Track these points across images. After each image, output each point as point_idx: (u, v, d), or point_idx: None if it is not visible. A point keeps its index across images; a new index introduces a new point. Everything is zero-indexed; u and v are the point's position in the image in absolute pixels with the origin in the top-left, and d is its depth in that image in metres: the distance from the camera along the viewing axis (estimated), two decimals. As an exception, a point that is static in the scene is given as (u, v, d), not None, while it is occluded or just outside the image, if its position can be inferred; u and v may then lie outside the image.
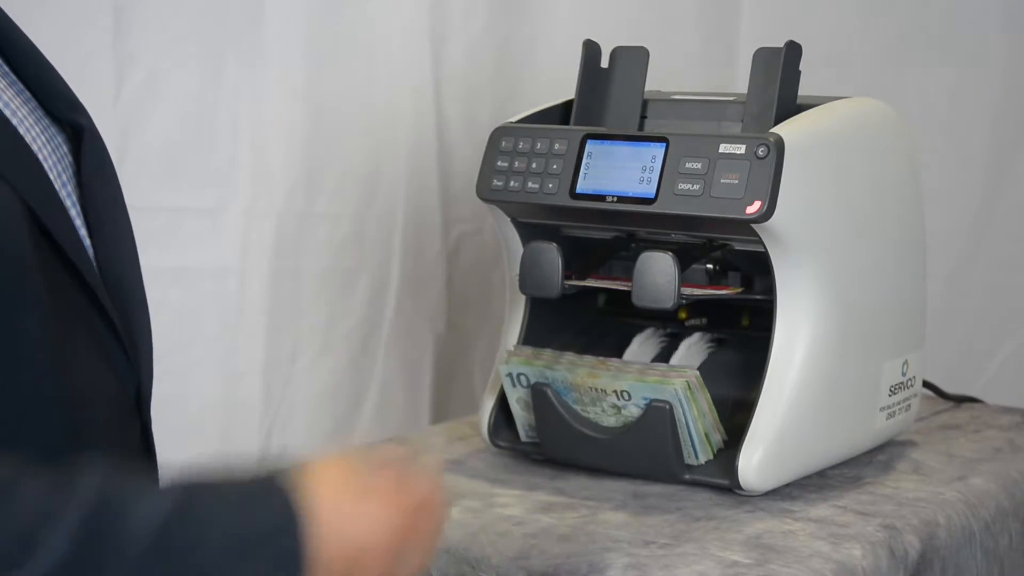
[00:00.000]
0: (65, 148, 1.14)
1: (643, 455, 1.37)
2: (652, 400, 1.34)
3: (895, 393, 1.47)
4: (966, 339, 2.10)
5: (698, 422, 1.35)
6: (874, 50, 2.08)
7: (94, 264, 1.12)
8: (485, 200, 1.44)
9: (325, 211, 1.93)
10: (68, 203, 1.11)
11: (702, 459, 1.37)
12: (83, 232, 1.12)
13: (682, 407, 1.34)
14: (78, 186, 1.13)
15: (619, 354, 1.45)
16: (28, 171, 1.05)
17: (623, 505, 1.34)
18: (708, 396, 1.36)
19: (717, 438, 1.38)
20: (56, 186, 1.08)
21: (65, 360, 1.06)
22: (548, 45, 2.03)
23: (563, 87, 1.49)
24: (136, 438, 1.16)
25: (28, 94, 1.13)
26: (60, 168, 1.12)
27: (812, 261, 1.34)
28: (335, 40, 1.92)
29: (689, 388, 1.34)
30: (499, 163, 1.42)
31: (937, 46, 2.07)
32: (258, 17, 1.87)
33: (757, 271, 1.42)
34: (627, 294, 1.35)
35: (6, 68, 1.13)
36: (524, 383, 1.42)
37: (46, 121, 1.13)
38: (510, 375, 1.42)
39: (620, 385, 1.35)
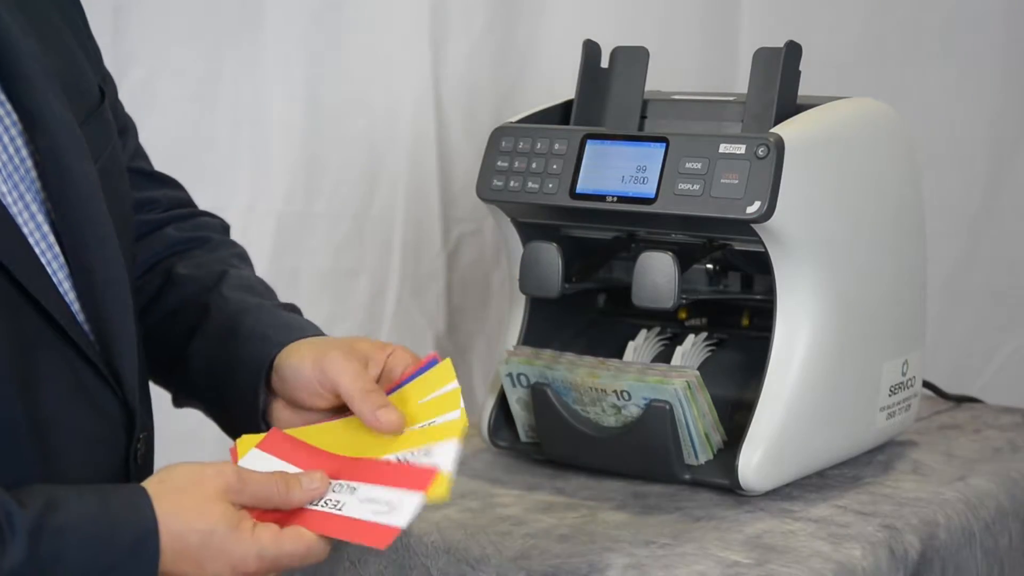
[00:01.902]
0: (35, 172, 1.10)
1: (643, 455, 1.37)
2: (652, 400, 1.34)
3: (895, 393, 1.47)
4: (966, 339, 2.10)
5: (698, 422, 1.35)
6: (874, 50, 2.08)
7: (65, 291, 1.08)
8: (485, 200, 1.44)
9: (325, 211, 1.93)
10: (32, 227, 1.08)
11: (702, 459, 1.37)
12: (56, 250, 1.10)
13: (682, 407, 1.34)
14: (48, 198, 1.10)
15: (619, 354, 1.45)
16: None
17: (623, 505, 1.34)
18: (708, 396, 1.36)
19: (717, 438, 1.38)
20: (12, 211, 1.05)
21: (30, 389, 1.04)
22: (548, 45, 2.03)
23: (563, 87, 1.49)
24: (115, 468, 1.13)
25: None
26: (20, 187, 1.09)
27: (812, 261, 1.34)
28: (335, 40, 1.92)
29: (689, 388, 1.34)
30: (499, 163, 1.42)
31: (937, 46, 2.07)
32: (258, 17, 1.87)
33: (757, 271, 1.42)
34: (627, 294, 1.35)
35: None
36: (524, 383, 1.42)
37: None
38: (510, 375, 1.42)
39: (620, 385, 1.35)
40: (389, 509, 1.04)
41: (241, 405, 1.20)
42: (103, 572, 0.98)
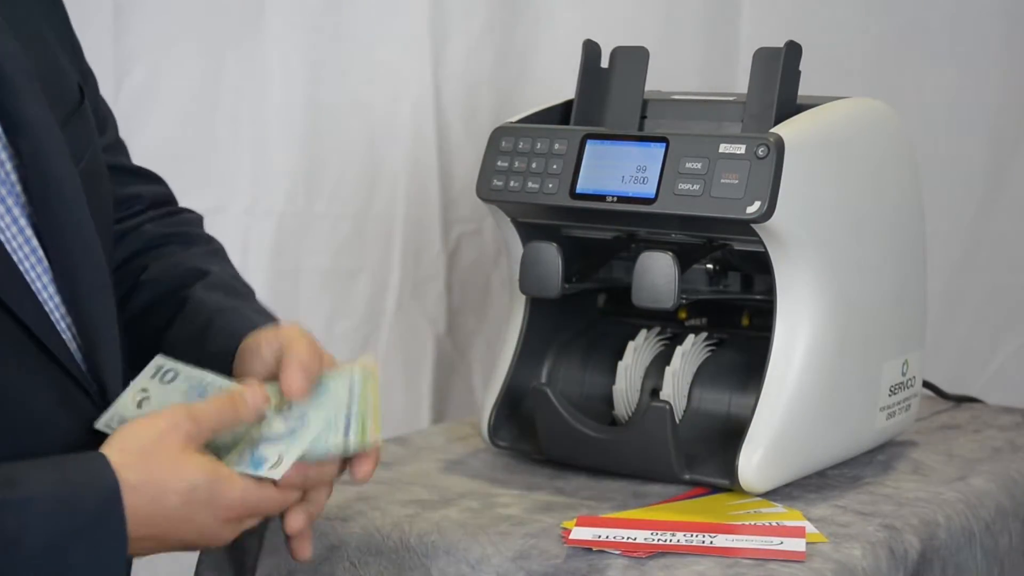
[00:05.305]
0: (15, 175, 1.08)
1: (643, 455, 1.37)
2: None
3: (895, 393, 1.47)
4: (966, 339, 2.10)
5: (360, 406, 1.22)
6: (874, 50, 2.08)
7: (47, 298, 1.08)
8: (485, 200, 1.44)
9: (325, 211, 1.93)
10: (13, 232, 1.07)
11: (352, 443, 1.17)
12: (39, 254, 1.08)
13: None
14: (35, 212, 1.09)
15: (619, 354, 1.45)
16: None
17: (623, 505, 1.34)
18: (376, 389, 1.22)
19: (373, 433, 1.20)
20: None
21: (13, 403, 1.03)
22: (548, 45, 2.03)
23: (563, 87, 1.49)
24: None
25: None
26: (9, 195, 1.08)
27: (812, 261, 1.34)
28: (335, 40, 1.92)
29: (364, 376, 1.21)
30: (499, 163, 1.42)
31: (937, 46, 2.07)
32: (258, 17, 1.87)
33: (757, 271, 1.42)
34: (627, 294, 1.35)
35: None
36: None
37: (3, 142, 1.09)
38: None
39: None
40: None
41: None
42: (70, 540, 0.97)
